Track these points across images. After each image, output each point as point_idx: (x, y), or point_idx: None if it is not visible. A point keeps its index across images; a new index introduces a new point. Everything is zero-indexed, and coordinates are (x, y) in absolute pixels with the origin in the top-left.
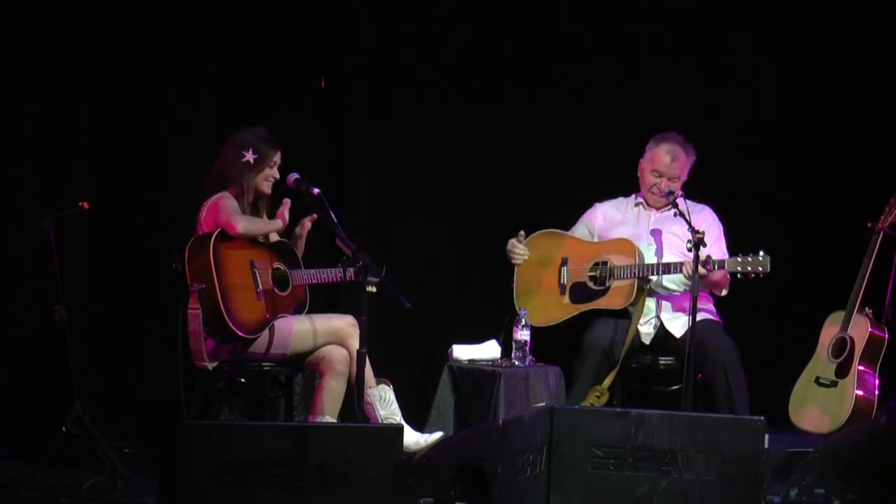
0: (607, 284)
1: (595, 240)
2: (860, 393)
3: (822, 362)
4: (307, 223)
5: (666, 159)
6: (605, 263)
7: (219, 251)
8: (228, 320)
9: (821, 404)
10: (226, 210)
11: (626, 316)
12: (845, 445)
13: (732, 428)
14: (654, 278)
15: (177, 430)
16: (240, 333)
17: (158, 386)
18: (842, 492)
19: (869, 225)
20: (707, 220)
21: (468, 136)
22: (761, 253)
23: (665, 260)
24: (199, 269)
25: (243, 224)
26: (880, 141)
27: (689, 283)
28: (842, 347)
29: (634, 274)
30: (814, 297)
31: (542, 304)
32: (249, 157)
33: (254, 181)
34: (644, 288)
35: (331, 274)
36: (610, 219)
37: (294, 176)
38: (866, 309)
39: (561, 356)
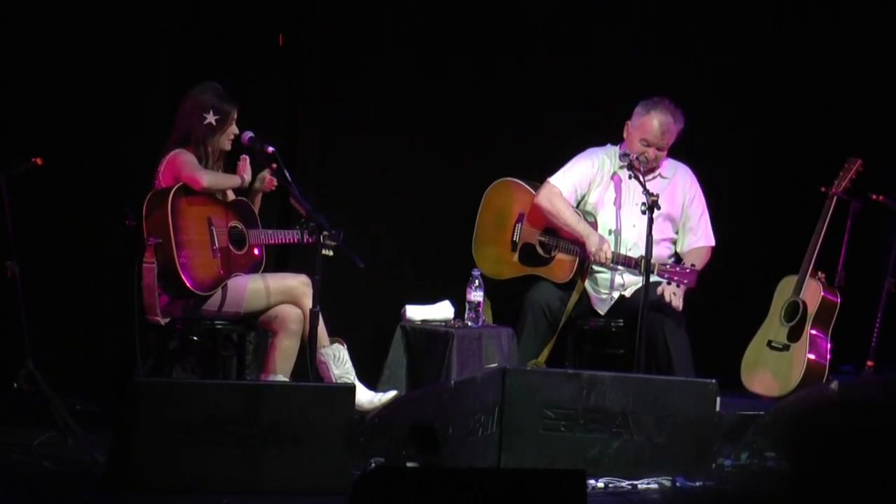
0: (552, 254)
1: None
2: (812, 357)
3: (774, 326)
4: (268, 175)
5: (657, 131)
6: (555, 233)
7: (177, 206)
8: (183, 276)
9: (773, 368)
10: (187, 165)
11: (571, 283)
12: (796, 409)
13: (684, 391)
14: (604, 273)
15: (130, 388)
16: (193, 290)
17: (111, 343)
18: (792, 455)
19: (823, 189)
20: (686, 182)
21: (424, 99)
22: (691, 265)
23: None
24: (156, 224)
25: (207, 178)
26: (835, 107)
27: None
28: (794, 311)
29: (578, 252)
30: (767, 260)
31: (494, 257)
32: (211, 118)
33: (217, 143)
34: (585, 266)
35: (288, 235)
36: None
37: (248, 134)
38: (819, 273)
39: (514, 317)
